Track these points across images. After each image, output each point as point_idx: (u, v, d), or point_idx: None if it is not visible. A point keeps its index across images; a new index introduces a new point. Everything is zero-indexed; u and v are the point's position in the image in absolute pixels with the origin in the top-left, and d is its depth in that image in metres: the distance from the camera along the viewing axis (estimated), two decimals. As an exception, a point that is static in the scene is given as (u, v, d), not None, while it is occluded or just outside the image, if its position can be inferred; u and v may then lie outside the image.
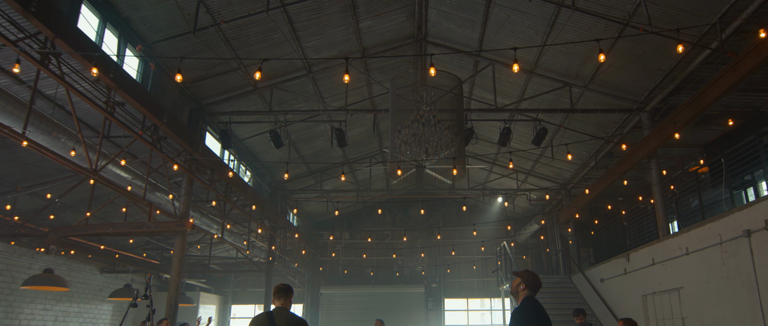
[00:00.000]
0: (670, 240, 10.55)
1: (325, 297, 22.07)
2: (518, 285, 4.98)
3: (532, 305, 4.89)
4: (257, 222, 16.10)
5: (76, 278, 16.85)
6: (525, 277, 5.03)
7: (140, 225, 11.08)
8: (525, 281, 5.02)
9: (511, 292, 5.07)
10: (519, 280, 5.02)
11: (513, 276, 5.13)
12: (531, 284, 4.99)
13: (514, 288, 5.04)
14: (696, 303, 9.67)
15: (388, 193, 20.15)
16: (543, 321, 4.83)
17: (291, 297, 5.63)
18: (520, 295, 4.98)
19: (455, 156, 8.69)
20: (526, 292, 5.00)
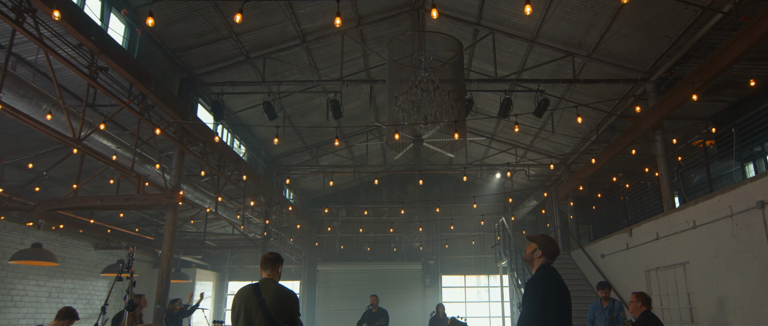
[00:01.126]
0: (676, 214, 10.05)
1: (322, 273, 21.66)
2: (533, 252, 4.41)
3: (549, 273, 4.33)
4: (252, 197, 15.58)
5: (70, 254, 16.41)
6: (541, 242, 4.45)
7: (129, 198, 10.55)
8: (541, 247, 4.42)
9: (525, 260, 4.51)
10: (534, 246, 4.44)
11: (527, 242, 4.55)
12: (548, 250, 4.42)
13: (528, 256, 4.46)
14: (703, 278, 9.21)
15: (385, 169, 19.61)
16: (561, 292, 4.29)
17: (279, 267, 5.12)
18: (535, 263, 4.42)
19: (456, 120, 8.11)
20: (542, 260, 4.41)
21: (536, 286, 4.26)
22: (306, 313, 21.37)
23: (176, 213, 11.16)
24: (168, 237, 11.03)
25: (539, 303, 4.17)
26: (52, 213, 11.98)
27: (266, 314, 4.71)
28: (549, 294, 4.19)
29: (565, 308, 4.27)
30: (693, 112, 12.30)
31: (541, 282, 4.27)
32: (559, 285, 4.32)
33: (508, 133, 16.46)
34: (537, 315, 4.15)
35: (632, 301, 6.35)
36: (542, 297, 4.17)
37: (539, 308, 4.15)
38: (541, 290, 4.22)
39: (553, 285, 4.27)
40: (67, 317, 6.42)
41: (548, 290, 4.22)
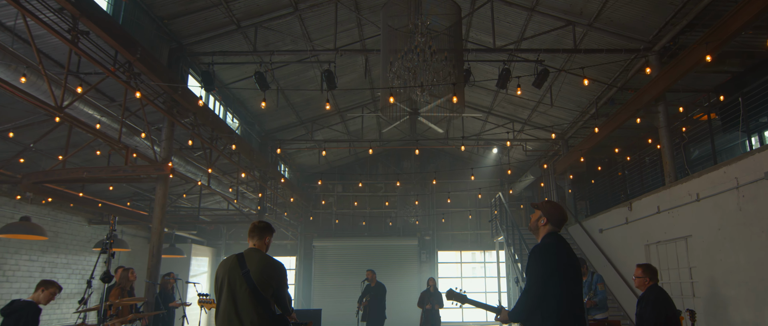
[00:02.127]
0: (679, 187, 9.67)
1: (318, 249, 21.35)
2: (538, 220, 4.09)
3: (553, 242, 3.98)
4: (246, 171, 15.16)
5: (63, 229, 16.04)
6: (546, 209, 4.10)
7: (117, 170, 10.10)
8: (546, 214, 4.08)
9: (530, 229, 4.16)
10: (538, 214, 4.10)
11: (532, 210, 4.21)
12: (554, 217, 4.07)
13: (533, 224, 4.13)
14: (705, 252, 8.86)
15: (381, 143, 19.16)
16: (569, 261, 3.94)
17: (268, 237, 4.72)
18: (540, 231, 4.08)
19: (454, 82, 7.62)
20: (547, 227, 4.07)
21: (539, 256, 3.94)
22: (302, 288, 21.11)
23: (167, 186, 10.76)
24: (158, 211, 10.64)
25: (540, 275, 3.85)
26: (40, 186, 11.55)
27: (250, 286, 4.33)
28: (551, 265, 3.87)
29: (569, 279, 3.92)
30: (695, 84, 11.88)
31: (544, 252, 3.95)
32: (564, 254, 3.97)
33: (506, 107, 16.01)
34: (537, 289, 3.83)
35: (638, 276, 5.95)
36: (543, 269, 3.85)
37: (539, 281, 3.83)
38: (543, 260, 3.89)
39: (556, 255, 3.93)
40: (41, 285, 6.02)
41: (550, 260, 3.89)
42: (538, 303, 3.81)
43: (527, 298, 3.85)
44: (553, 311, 3.79)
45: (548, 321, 3.78)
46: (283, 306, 4.53)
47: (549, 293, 3.80)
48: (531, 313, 3.86)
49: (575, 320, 3.85)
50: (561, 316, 3.79)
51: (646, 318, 5.61)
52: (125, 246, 15.05)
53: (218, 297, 4.46)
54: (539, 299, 3.80)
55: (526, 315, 3.89)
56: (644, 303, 5.75)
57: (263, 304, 4.33)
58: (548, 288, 3.80)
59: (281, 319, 4.43)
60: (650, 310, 5.60)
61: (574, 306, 3.88)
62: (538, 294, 3.80)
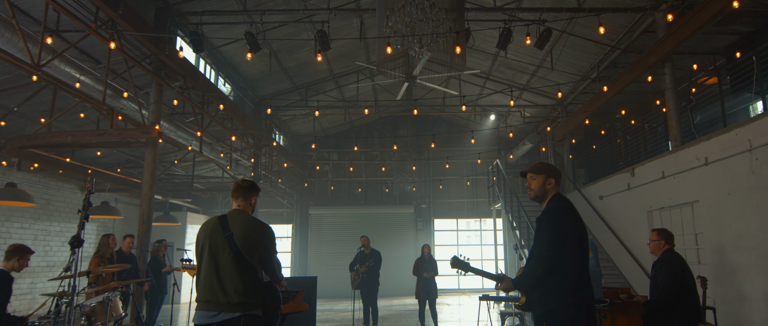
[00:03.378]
0: (685, 150, 9.18)
1: (313, 217, 20.96)
2: (545, 183, 3.70)
3: (565, 204, 3.62)
4: (240, 137, 14.61)
5: (55, 197, 15.57)
6: (549, 170, 3.75)
7: (102, 133, 9.54)
8: (553, 174, 3.73)
9: (536, 196, 3.75)
10: (542, 177, 3.71)
11: (534, 176, 3.77)
12: (558, 176, 3.76)
13: (538, 189, 3.72)
14: (714, 217, 8.41)
15: (376, 110, 18.57)
16: (581, 225, 3.59)
17: (253, 197, 4.20)
18: (548, 194, 3.69)
19: (457, 31, 7.05)
20: (555, 189, 3.70)
21: (555, 219, 3.53)
22: (298, 257, 20.76)
23: (156, 151, 10.23)
24: (148, 176, 10.13)
25: (555, 240, 3.45)
26: (24, 151, 11.00)
27: (234, 250, 3.82)
28: (567, 228, 3.49)
29: (583, 242, 3.58)
30: (702, 46, 11.31)
31: (560, 214, 3.55)
32: (577, 215, 3.63)
33: (504, 72, 15.42)
34: (552, 255, 3.43)
35: (653, 240, 5.49)
36: (560, 233, 3.47)
37: (554, 246, 3.44)
38: (560, 223, 3.50)
39: (571, 217, 3.57)
40: (16, 253, 5.53)
41: (567, 223, 3.52)
42: (551, 269, 3.44)
43: (538, 265, 3.47)
44: (567, 277, 3.43)
45: (562, 288, 3.42)
46: (271, 272, 4.04)
47: (564, 259, 3.44)
48: (542, 280, 3.49)
49: (588, 286, 3.51)
50: (576, 282, 3.43)
51: (662, 284, 5.17)
52: (117, 214, 14.57)
53: (199, 262, 3.96)
54: (553, 265, 3.43)
55: (536, 283, 3.53)
56: (659, 268, 5.30)
57: (249, 271, 3.83)
58: (564, 254, 3.43)
59: (269, 287, 3.94)
60: (666, 276, 5.15)
61: (586, 271, 3.53)
62: (551, 261, 3.43)
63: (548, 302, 3.44)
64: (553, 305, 3.41)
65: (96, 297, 6.21)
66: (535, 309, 3.55)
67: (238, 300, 3.75)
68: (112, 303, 6.20)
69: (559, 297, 3.40)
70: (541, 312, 3.50)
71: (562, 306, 3.38)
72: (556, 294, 3.41)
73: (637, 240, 10.79)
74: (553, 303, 3.41)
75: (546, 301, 3.46)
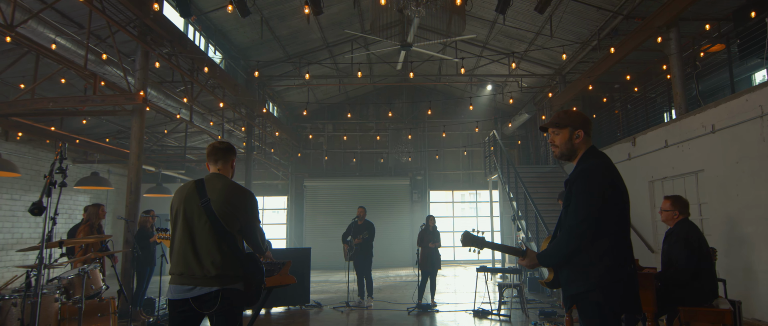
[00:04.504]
0: (691, 118, 8.73)
1: (308, 189, 20.53)
2: (572, 137, 3.03)
3: (602, 162, 2.95)
4: (232, 107, 14.07)
5: (45, 168, 15.10)
6: (577, 120, 3.06)
7: (85, 99, 9.00)
8: (581, 125, 3.04)
9: (562, 154, 3.09)
10: (567, 131, 3.04)
11: (556, 130, 3.09)
12: (588, 126, 3.06)
13: (565, 145, 3.05)
14: (719, 187, 8.01)
15: (371, 80, 17.98)
16: (622, 184, 2.96)
17: (232, 159, 3.73)
18: (578, 150, 3.03)
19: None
20: (587, 143, 3.03)
21: (589, 182, 2.86)
22: (293, 228, 20.39)
23: (143, 119, 9.69)
24: (135, 146, 9.62)
25: (596, 204, 2.80)
26: (6, 119, 10.47)
27: (211, 219, 3.37)
28: (606, 194, 2.83)
29: (626, 211, 2.95)
30: (707, 11, 10.77)
31: (596, 176, 2.88)
32: (619, 177, 2.98)
33: (502, 41, 14.85)
34: (589, 225, 2.80)
35: (666, 209, 5.03)
36: (594, 200, 2.81)
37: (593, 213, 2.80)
38: (596, 187, 2.84)
39: (611, 180, 2.90)
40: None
41: (606, 187, 2.85)
42: (586, 244, 2.81)
43: (570, 238, 2.83)
44: (605, 252, 2.81)
45: (598, 264, 2.81)
46: (253, 242, 3.59)
47: (602, 230, 2.81)
48: (574, 256, 2.86)
49: (630, 262, 2.90)
50: (616, 257, 2.82)
51: (676, 258, 4.74)
52: (108, 185, 14.10)
53: (173, 231, 3.51)
54: (588, 240, 2.81)
55: (568, 259, 2.89)
56: (673, 239, 4.87)
57: (228, 241, 3.39)
58: (601, 225, 2.80)
59: (250, 259, 3.49)
60: (680, 247, 4.73)
61: (628, 243, 2.93)
62: (585, 235, 2.80)
63: (580, 281, 2.84)
64: (587, 285, 2.81)
65: (73, 270, 5.77)
66: (566, 289, 2.95)
67: (216, 274, 3.32)
68: (91, 275, 5.77)
69: (594, 276, 2.80)
70: (572, 292, 2.90)
71: (599, 286, 2.78)
72: (590, 271, 2.81)
73: (637, 211, 10.40)
74: (587, 282, 2.81)
75: (578, 280, 2.86)
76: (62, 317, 5.27)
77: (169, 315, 3.45)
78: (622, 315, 2.92)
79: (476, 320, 8.22)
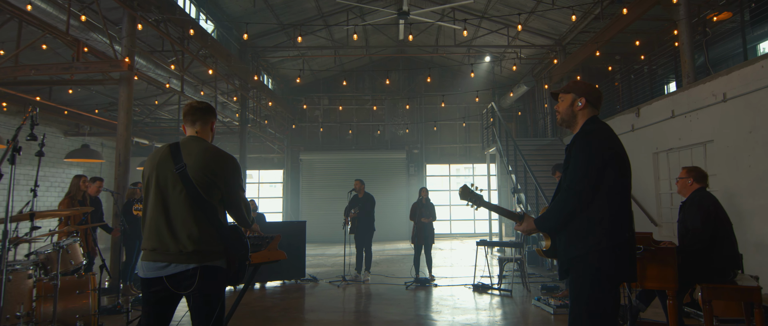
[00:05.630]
0: (699, 87, 8.26)
1: (305, 162, 20.08)
2: (572, 104, 2.87)
3: (601, 126, 2.78)
4: (225, 79, 13.52)
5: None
6: (580, 88, 2.89)
7: (68, 66, 8.46)
8: (582, 93, 2.87)
9: (564, 121, 2.94)
10: (570, 97, 2.88)
11: (563, 96, 2.96)
12: (592, 95, 2.92)
13: (566, 112, 2.90)
14: (730, 158, 7.58)
15: (367, 50, 17.37)
16: (621, 148, 2.79)
17: (212, 121, 3.24)
18: (578, 118, 2.92)
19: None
20: (587, 111, 2.85)
21: (588, 145, 2.71)
22: (290, 202, 19.98)
23: (131, 88, 9.15)
24: (123, 116, 9.10)
25: (593, 169, 2.65)
26: (-11, 89, 9.92)
27: (188, 187, 2.90)
28: (606, 155, 2.67)
29: (627, 172, 2.76)
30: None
31: (594, 138, 2.73)
32: (617, 140, 2.80)
33: (501, 9, 14.25)
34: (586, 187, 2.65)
35: (681, 178, 4.64)
36: (597, 161, 2.65)
37: (590, 177, 2.64)
38: (597, 148, 2.68)
39: (609, 141, 2.74)
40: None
41: (604, 148, 2.69)
42: (583, 206, 2.66)
43: (567, 200, 2.68)
44: (602, 215, 2.64)
45: (595, 228, 2.64)
46: (236, 214, 3.12)
47: (602, 191, 2.64)
48: (571, 220, 2.70)
49: (628, 227, 2.72)
50: (613, 221, 2.64)
51: (692, 228, 4.34)
52: (99, 157, 13.61)
53: (145, 202, 3.05)
54: (585, 201, 2.65)
55: (566, 221, 2.72)
56: (688, 210, 4.47)
57: (207, 212, 2.92)
58: (599, 186, 2.64)
59: (233, 233, 3.02)
60: (694, 212, 4.34)
61: (627, 207, 2.73)
62: (583, 196, 2.64)
63: (577, 245, 2.68)
64: (584, 249, 2.65)
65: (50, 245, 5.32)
66: (562, 255, 2.77)
67: (193, 249, 2.86)
68: (70, 249, 5.32)
69: (591, 240, 2.64)
70: (568, 257, 2.73)
71: (595, 250, 2.62)
72: (587, 235, 2.65)
73: (641, 184, 9.99)
74: (584, 246, 2.65)
75: (575, 244, 2.69)
76: (38, 294, 4.84)
77: (142, 295, 3.01)
78: (617, 282, 2.69)
79: (476, 294, 7.85)
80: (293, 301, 7.54)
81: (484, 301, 7.34)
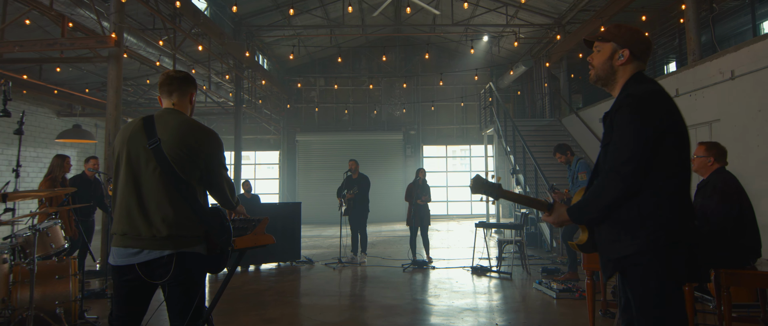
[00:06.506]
0: (706, 64, 7.91)
1: (301, 143, 19.72)
2: (612, 57, 2.20)
3: (652, 87, 2.09)
4: (218, 58, 13.08)
5: (29, 121, 14.23)
6: (625, 37, 2.19)
7: (52, 42, 8.03)
8: (627, 43, 2.17)
9: (598, 77, 2.26)
10: (609, 47, 2.20)
11: (600, 45, 2.26)
12: (638, 46, 2.16)
13: (603, 67, 2.23)
14: (738, 137, 7.26)
15: (363, 30, 16.89)
16: (679, 116, 2.08)
17: (191, 92, 2.86)
18: (618, 76, 2.21)
19: None
20: (633, 65, 2.18)
21: (635, 113, 2.06)
22: (286, 183, 19.65)
23: (120, 66, 8.71)
24: (113, 95, 8.66)
25: (636, 147, 2.02)
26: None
27: (162, 164, 2.55)
28: (658, 127, 2.03)
29: (685, 150, 2.12)
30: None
31: (645, 105, 2.06)
32: (675, 108, 2.13)
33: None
34: (631, 169, 2.02)
35: (699, 155, 4.28)
36: (643, 134, 2.02)
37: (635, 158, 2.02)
38: (645, 118, 2.04)
39: (666, 110, 2.08)
40: None
41: (658, 118, 2.05)
42: (634, 189, 2.05)
43: (610, 185, 2.07)
44: (657, 203, 2.05)
45: (648, 219, 2.04)
46: (219, 194, 2.77)
47: (657, 172, 2.06)
48: (617, 207, 2.10)
49: (689, 216, 2.10)
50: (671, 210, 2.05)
51: (712, 210, 4.01)
52: (91, 138, 13.20)
53: (114, 180, 2.70)
54: (634, 186, 2.05)
55: (609, 211, 2.12)
56: (708, 190, 4.13)
57: (184, 192, 2.57)
58: (653, 166, 2.05)
59: (214, 215, 2.66)
60: (718, 200, 4.00)
61: (686, 192, 2.12)
62: (631, 179, 2.03)
63: (627, 242, 2.09)
64: (635, 247, 2.07)
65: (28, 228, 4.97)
66: (605, 252, 2.21)
67: (168, 234, 2.52)
68: (50, 232, 4.98)
69: (644, 235, 2.05)
70: (614, 256, 2.15)
71: (650, 247, 2.05)
72: (639, 229, 2.06)
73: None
74: (635, 244, 2.07)
75: (623, 240, 2.11)
76: (15, 280, 4.51)
77: (113, 284, 2.68)
78: (684, 284, 2.17)
79: (474, 277, 7.57)
80: (288, 284, 7.25)
81: (483, 284, 7.05)
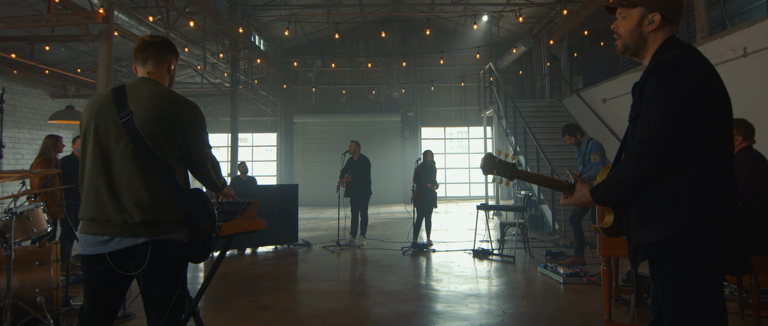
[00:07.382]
0: (717, 41, 7.54)
1: (298, 125, 19.34)
2: (640, 23, 1.85)
3: (688, 51, 1.79)
4: (214, 38, 12.64)
5: (22, 103, 13.81)
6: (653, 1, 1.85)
7: (38, 18, 7.60)
8: (657, 6, 1.82)
9: (625, 47, 1.93)
10: (638, 12, 1.86)
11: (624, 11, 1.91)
12: (671, 8, 1.83)
13: (630, 35, 1.89)
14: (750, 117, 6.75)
15: (361, 9, 16.40)
16: (720, 84, 1.83)
17: (170, 60, 2.45)
18: (649, 41, 1.87)
19: None
20: (665, 31, 1.84)
21: (668, 81, 1.75)
22: (284, 165, 19.30)
23: (110, 44, 8.28)
24: (103, 74, 8.25)
25: (668, 119, 1.73)
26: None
27: (135, 141, 2.19)
28: (694, 96, 1.73)
29: (727, 121, 1.84)
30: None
31: (678, 72, 1.75)
32: (715, 75, 1.82)
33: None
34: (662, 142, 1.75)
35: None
36: (676, 103, 1.73)
37: (667, 129, 1.73)
38: (679, 87, 1.74)
39: (704, 77, 1.77)
40: None
41: (694, 87, 1.74)
42: (667, 167, 1.79)
43: (640, 162, 1.79)
44: (694, 180, 1.76)
45: (684, 199, 1.77)
46: (202, 175, 2.41)
47: (693, 146, 1.77)
48: (647, 186, 1.82)
49: (732, 195, 1.80)
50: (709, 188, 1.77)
51: (742, 193, 3.69)
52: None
53: (82, 158, 2.35)
54: (669, 161, 1.78)
55: (638, 191, 1.84)
56: (737, 173, 3.80)
57: (160, 172, 2.21)
58: (692, 138, 1.76)
59: (195, 198, 2.31)
60: (745, 179, 3.68)
61: (730, 168, 1.83)
62: (663, 153, 1.76)
63: (659, 225, 1.81)
64: (667, 231, 1.79)
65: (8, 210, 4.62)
66: (634, 237, 1.90)
67: (142, 219, 2.17)
68: (31, 215, 4.63)
69: (678, 218, 1.78)
70: (645, 241, 1.86)
71: (684, 232, 1.77)
72: (671, 211, 1.79)
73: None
74: (667, 227, 1.79)
75: (655, 224, 1.82)
76: (-8, 266, 4.17)
77: (83, 275, 2.34)
78: (724, 274, 1.83)
79: (476, 260, 7.27)
80: (285, 268, 6.94)
81: (485, 268, 6.75)
